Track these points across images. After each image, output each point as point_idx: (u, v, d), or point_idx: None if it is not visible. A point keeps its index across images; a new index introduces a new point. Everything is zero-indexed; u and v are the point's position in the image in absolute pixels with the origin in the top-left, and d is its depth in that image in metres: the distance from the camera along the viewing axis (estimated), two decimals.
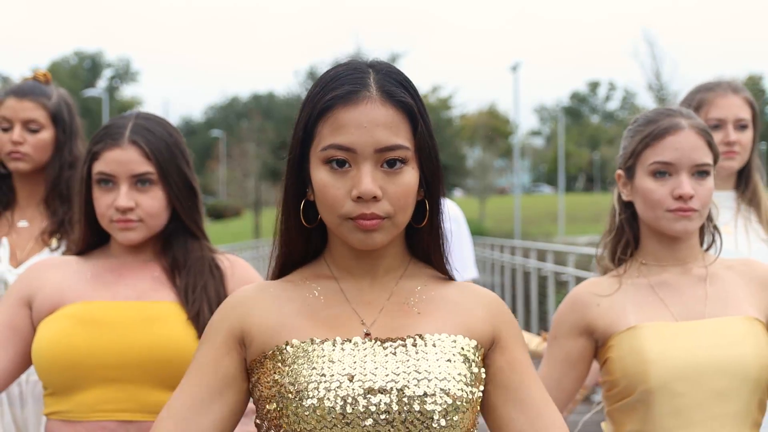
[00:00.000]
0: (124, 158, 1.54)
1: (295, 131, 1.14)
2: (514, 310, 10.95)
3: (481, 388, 1.14)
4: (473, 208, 43.82)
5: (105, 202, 1.55)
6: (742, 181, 2.21)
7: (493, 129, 59.01)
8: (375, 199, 1.08)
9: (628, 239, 1.61)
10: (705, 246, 1.63)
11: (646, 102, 37.75)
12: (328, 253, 1.18)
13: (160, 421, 1.15)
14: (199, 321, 1.53)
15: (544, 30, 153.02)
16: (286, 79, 44.43)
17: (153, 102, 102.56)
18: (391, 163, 1.10)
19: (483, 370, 1.14)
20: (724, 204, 2.14)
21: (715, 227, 1.64)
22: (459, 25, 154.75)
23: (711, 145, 1.57)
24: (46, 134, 2.14)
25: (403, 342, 1.10)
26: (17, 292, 1.58)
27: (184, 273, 1.57)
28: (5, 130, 2.13)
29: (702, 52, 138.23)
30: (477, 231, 30.18)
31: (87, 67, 74.70)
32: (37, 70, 2.23)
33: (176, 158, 1.58)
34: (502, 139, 60.92)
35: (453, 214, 2.76)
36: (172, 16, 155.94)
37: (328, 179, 1.10)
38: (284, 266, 1.19)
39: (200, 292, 1.56)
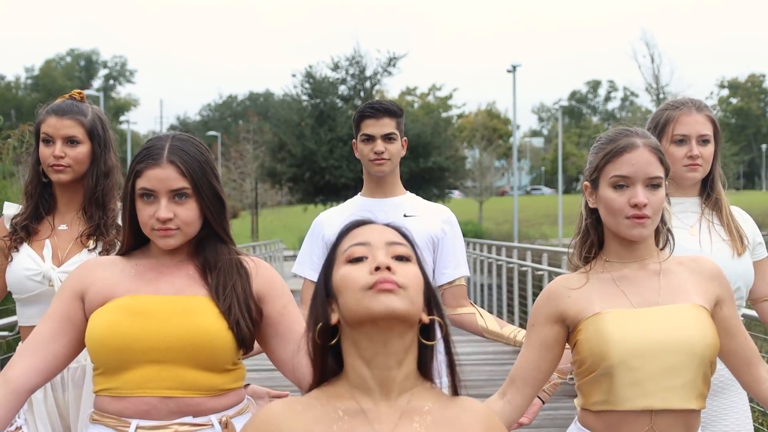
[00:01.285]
0: (164, 176, 1.77)
1: (323, 270, 1.40)
2: (511, 308, 11.04)
3: None
4: (472, 209, 43.64)
5: (147, 213, 1.78)
6: (706, 189, 2.50)
7: (492, 129, 58.91)
8: (389, 269, 1.31)
9: (593, 240, 1.89)
10: (661, 245, 1.89)
11: (646, 103, 37.52)
12: (345, 375, 1.35)
13: None
14: (230, 314, 1.74)
15: (544, 29, 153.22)
16: (282, 78, 44.39)
17: (148, 102, 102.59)
18: (399, 258, 1.36)
19: None
20: (690, 209, 2.48)
21: (669, 230, 1.89)
22: (457, 25, 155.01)
23: (662, 161, 1.85)
24: (84, 148, 2.39)
25: None
26: (71, 286, 1.82)
27: (215, 273, 1.80)
28: (47, 144, 2.38)
29: (701, 52, 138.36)
30: (476, 233, 29.90)
31: (81, 67, 74.57)
32: (73, 91, 2.50)
33: (207, 174, 1.80)
34: (501, 139, 60.80)
35: (447, 217, 2.87)
36: (167, 15, 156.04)
37: (348, 268, 1.35)
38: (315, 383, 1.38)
39: (230, 290, 1.78)
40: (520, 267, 10.42)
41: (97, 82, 75.38)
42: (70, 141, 2.38)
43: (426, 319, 1.35)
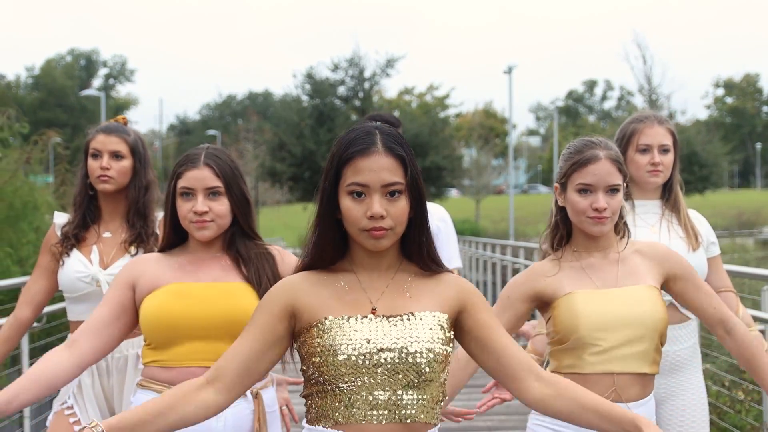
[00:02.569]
0: (200, 176, 2.13)
1: (326, 174, 1.67)
2: None
3: (452, 345, 1.70)
4: (469, 208, 43.82)
5: (186, 208, 2.12)
6: (666, 192, 2.82)
7: (489, 129, 58.97)
8: (382, 217, 1.62)
9: (562, 233, 2.23)
10: (620, 236, 2.22)
11: (641, 103, 37.69)
12: (349, 255, 1.71)
13: (230, 359, 1.68)
14: (262, 292, 2.03)
15: (541, 28, 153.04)
16: (281, 78, 44.46)
17: (148, 101, 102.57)
18: (392, 194, 1.64)
19: (452, 333, 1.71)
20: (651, 210, 2.81)
21: (626, 223, 2.22)
22: (455, 24, 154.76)
23: (621, 169, 2.16)
24: (127, 162, 2.72)
25: (401, 317, 1.66)
26: (124, 278, 2.13)
27: (250, 263, 2.13)
28: (95, 158, 2.70)
29: (696, 52, 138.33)
30: (473, 231, 30.14)
31: (82, 66, 74.41)
32: (118, 117, 2.83)
33: (237, 177, 2.17)
34: (498, 138, 60.84)
35: (441, 215, 3.22)
36: (167, 15, 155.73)
37: (352, 205, 1.64)
38: (313, 264, 1.71)
39: (264, 276, 2.12)
40: (513, 264, 10.67)
41: (97, 82, 75.16)
42: (116, 155, 2.69)
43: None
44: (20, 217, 4.81)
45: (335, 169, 1.66)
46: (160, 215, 2.76)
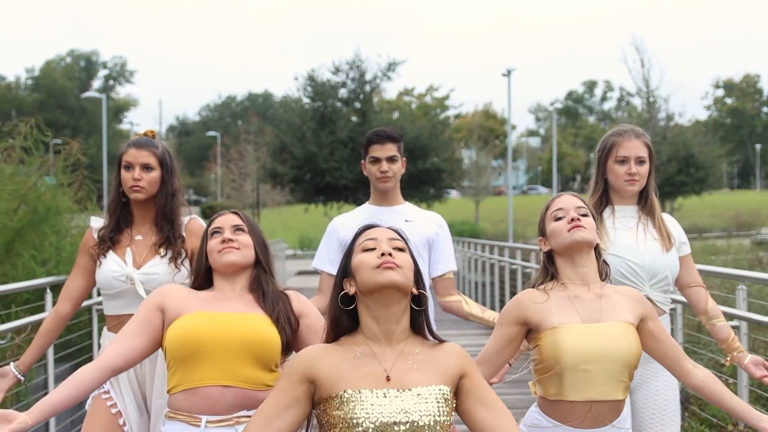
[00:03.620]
0: (229, 219, 2.48)
1: (348, 251, 2.02)
2: (503, 303, 11.43)
3: (452, 415, 1.93)
4: (469, 209, 43.92)
5: (215, 242, 2.43)
6: (642, 198, 3.08)
7: (489, 130, 59.05)
8: (391, 255, 1.92)
9: (552, 273, 2.45)
10: (601, 277, 2.45)
11: (640, 104, 37.80)
12: (360, 329, 1.97)
13: (255, 417, 1.94)
14: (279, 324, 2.33)
15: (541, 29, 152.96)
16: (280, 78, 44.55)
17: (148, 102, 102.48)
18: (397, 249, 1.98)
19: (454, 403, 1.96)
20: (629, 215, 3.06)
21: (605, 261, 2.46)
22: (455, 25, 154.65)
23: (584, 200, 2.49)
24: (156, 173, 2.99)
25: (410, 391, 1.89)
26: (154, 299, 2.37)
27: (268, 299, 2.39)
28: (128, 170, 2.98)
29: (696, 52, 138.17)
30: (472, 233, 30.29)
31: (81, 67, 74.37)
32: (147, 131, 3.08)
33: (256, 227, 2.50)
34: (497, 139, 60.89)
35: (440, 222, 3.45)
36: (166, 16, 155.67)
37: (364, 255, 1.95)
38: (336, 336, 1.99)
39: (279, 309, 2.37)
40: (511, 265, 10.78)
41: (96, 83, 75.15)
42: (146, 167, 2.96)
43: (415, 291, 1.96)
44: (43, 221, 5.06)
45: (350, 244, 2.01)
46: (185, 219, 3.03)
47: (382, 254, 1.92)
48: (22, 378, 2.89)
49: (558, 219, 2.42)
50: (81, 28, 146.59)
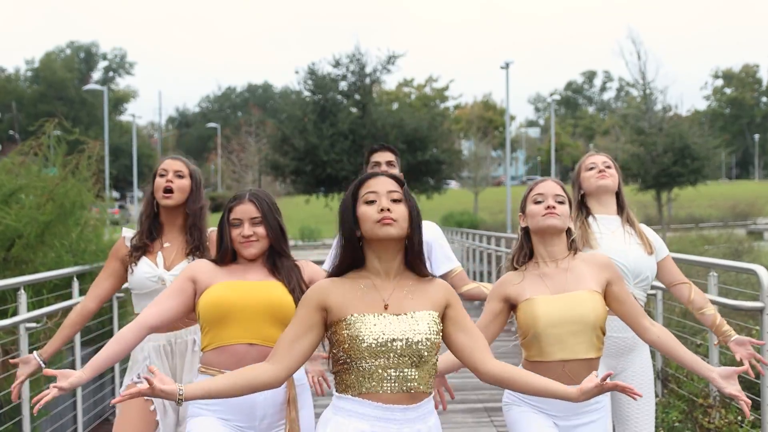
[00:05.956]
0: (246, 209, 2.79)
1: (348, 196, 2.31)
2: None
3: (440, 335, 2.30)
4: (468, 200, 44.14)
5: (236, 233, 2.79)
6: (620, 209, 3.48)
7: (488, 121, 59.22)
8: (389, 210, 2.23)
9: (526, 251, 2.84)
10: (571, 251, 2.80)
11: (637, 96, 38.03)
12: (366, 266, 2.30)
13: (280, 341, 2.27)
14: (293, 290, 2.72)
15: (540, 20, 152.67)
16: (281, 70, 44.75)
17: (148, 94, 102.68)
18: (394, 200, 2.27)
19: (441, 326, 2.30)
20: (612, 221, 3.43)
21: (574, 241, 2.82)
22: (452, 17, 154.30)
23: (563, 188, 2.84)
24: (186, 182, 3.37)
25: (405, 315, 2.24)
26: (186, 273, 2.74)
27: (282, 271, 2.77)
28: (162, 177, 3.34)
29: (695, 43, 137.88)
30: (471, 223, 30.54)
31: (81, 59, 74.30)
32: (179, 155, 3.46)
33: (273, 211, 2.81)
34: (496, 130, 61.04)
35: (434, 230, 3.79)
36: (166, 8, 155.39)
37: (366, 208, 2.26)
38: (341, 270, 2.31)
39: (294, 280, 2.75)
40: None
41: (96, 75, 75.12)
42: (178, 175, 3.33)
43: (408, 232, 2.27)
44: (68, 214, 5.44)
45: (353, 192, 2.30)
46: (209, 230, 3.36)
47: (381, 210, 2.21)
48: (44, 365, 3.12)
49: (537, 203, 2.78)
50: (80, 20, 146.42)
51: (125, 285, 3.39)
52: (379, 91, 32.28)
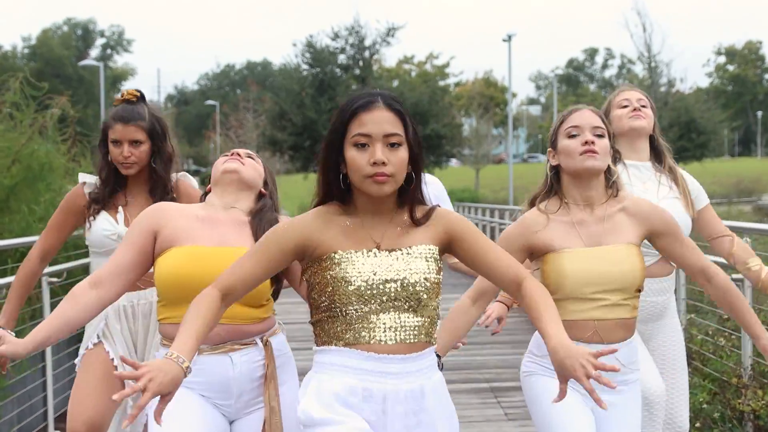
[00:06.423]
0: (241, 151, 2.51)
1: (332, 130, 1.87)
2: None
3: (441, 274, 1.92)
4: (469, 177, 43.84)
5: (223, 158, 2.47)
6: (654, 155, 3.05)
7: (489, 98, 58.81)
8: (384, 164, 1.80)
9: (556, 191, 2.40)
10: (610, 194, 2.38)
11: (641, 71, 37.56)
12: (353, 201, 1.90)
13: (236, 269, 1.90)
14: None
15: None
16: (280, 47, 44.29)
17: (146, 71, 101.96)
18: (392, 145, 1.84)
19: (441, 263, 1.93)
20: (644, 170, 3.00)
21: (615, 183, 2.38)
22: None
23: (602, 118, 2.40)
24: (146, 146, 2.91)
25: (400, 251, 1.88)
26: (147, 224, 2.30)
27: (259, 227, 2.34)
28: (116, 146, 2.89)
29: (699, 18, 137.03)
30: (472, 200, 30.27)
31: (78, 36, 73.81)
32: (128, 93, 2.94)
33: (267, 172, 2.50)
34: (497, 107, 60.67)
35: (434, 183, 3.33)
36: None
37: (356, 154, 1.83)
38: (323, 200, 1.92)
39: None
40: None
41: (94, 52, 74.66)
42: (135, 143, 2.87)
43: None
44: (37, 178, 5.01)
45: (341, 125, 1.84)
46: (174, 177, 2.95)
47: (375, 162, 1.81)
48: (11, 333, 2.74)
49: (571, 137, 2.36)
50: None
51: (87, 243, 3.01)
52: (379, 66, 31.81)
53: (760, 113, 78.75)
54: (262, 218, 2.37)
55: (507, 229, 2.42)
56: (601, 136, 2.35)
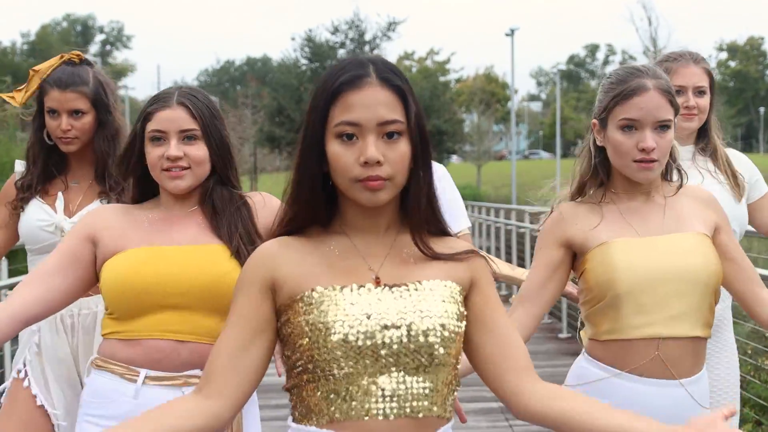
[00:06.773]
0: (174, 116, 1.83)
1: (310, 114, 1.35)
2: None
3: (464, 322, 1.39)
4: (470, 173, 43.52)
5: (157, 154, 1.82)
6: (700, 138, 2.53)
7: (491, 94, 58.51)
8: (378, 163, 1.30)
9: (602, 179, 1.90)
10: (670, 178, 1.92)
11: None
12: (339, 215, 1.39)
13: (214, 358, 1.36)
14: (240, 256, 1.80)
15: None
16: (280, 43, 44.06)
17: (146, 67, 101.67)
18: (390, 135, 1.32)
19: (464, 309, 1.40)
20: (684, 156, 2.36)
21: (679, 166, 1.91)
22: None
23: (672, 102, 1.83)
24: (89, 118, 2.39)
25: (407, 287, 1.35)
26: (83, 229, 1.85)
27: (223, 219, 1.85)
28: (53, 117, 2.38)
29: (700, 14, 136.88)
30: (474, 197, 29.93)
31: (78, 32, 73.73)
32: (72, 54, 2.48)
33: (215, 119, 1.86)
34: (499, 104, 60.39)
35: (441, 174, 2.83)
36: None
37: (341, 150, 1.32)
38: (294, 224, 1.39)
39: (236, 235, 1.83)
40: (518, 229, 10.42)
41: (93, 48, 74.58)
42: (75, 113, 2.38)
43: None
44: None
45: (321, 108, 1.33)
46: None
47: (366, 162, 1.30)
48: None
49: (627, 130, 1.83)
50: None
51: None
52: None
53: (762, 109, 78.58)
54: (214, 204, 1.88)
55: (543, 222, 1.96)
56: (665, 127, 1.83)
